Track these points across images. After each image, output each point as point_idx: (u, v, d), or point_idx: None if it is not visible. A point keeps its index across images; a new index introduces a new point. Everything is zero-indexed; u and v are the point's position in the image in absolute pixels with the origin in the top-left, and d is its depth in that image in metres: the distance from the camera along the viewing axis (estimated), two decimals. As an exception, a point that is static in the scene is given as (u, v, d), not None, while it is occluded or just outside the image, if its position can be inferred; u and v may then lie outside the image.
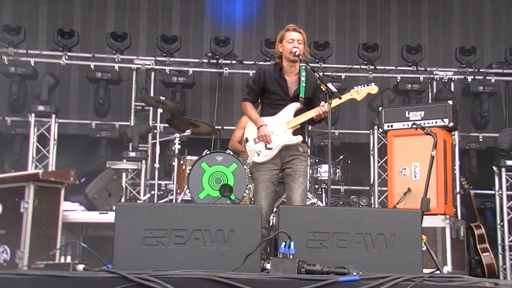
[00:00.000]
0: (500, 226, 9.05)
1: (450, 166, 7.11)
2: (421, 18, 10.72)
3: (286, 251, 4.06)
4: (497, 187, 9.12)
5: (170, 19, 10.51)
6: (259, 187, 5.48)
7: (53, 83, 9.46)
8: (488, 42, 10.61)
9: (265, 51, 9.75)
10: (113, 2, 10.47)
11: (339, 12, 10.70)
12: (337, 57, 10.24)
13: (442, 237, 6.53)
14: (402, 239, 4.43)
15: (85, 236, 7.32)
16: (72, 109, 10.13)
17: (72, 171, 5.95)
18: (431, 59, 10.21)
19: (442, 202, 6.68)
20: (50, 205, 5.78)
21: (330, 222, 4.47)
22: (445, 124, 6.97)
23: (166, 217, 4.41)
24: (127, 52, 9.76)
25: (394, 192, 6.94)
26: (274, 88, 5.49)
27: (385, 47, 10.19)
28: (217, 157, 7.20)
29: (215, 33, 10.19)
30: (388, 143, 7.27)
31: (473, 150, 9.76)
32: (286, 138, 5.45)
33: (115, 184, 7.54)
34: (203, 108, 10.33)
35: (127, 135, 9.07)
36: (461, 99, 9.91)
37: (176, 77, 9.72)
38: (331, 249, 4.39)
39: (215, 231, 4.37)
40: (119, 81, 9.79)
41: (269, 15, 10.62)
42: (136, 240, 4.31)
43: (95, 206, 6.98)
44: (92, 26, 10.34)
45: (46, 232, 5.71)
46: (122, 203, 7.20)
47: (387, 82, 10.06)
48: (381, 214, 4.78)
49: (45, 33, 10.12)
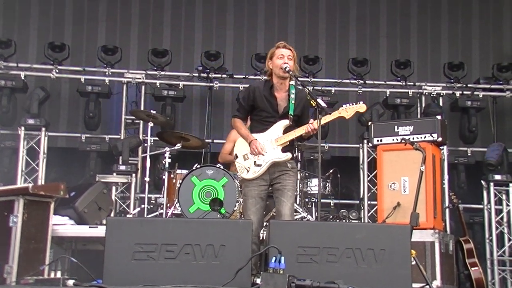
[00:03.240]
0: (488, 240, 9.08)
1: (439, 180, 7.15)
2: (409, 33, 10.80)
3: (276, 266, 4.08)
4: (486, 202, 9.17)
5: (161, 33, 10.53)
6: (249, 202, 5.49)
7: (43, 96, 9.43)
8: (475, 57, 10.71)
9: (255, 65, 9.78)
10: (104, 16, 10.49)
11: (329, 27, 10.76)
12: (327, 71, 10.28)
13: (431, 251, 6.55)
14: (392, 254, 4.46)
15: (74, 250, 7.28)
16: (62, 123, 10.11)
17: (61, 185, 5.91)
18: (420, 74, 10.28)
19: (431, 217, 6.71)
20: (39, 219, 5.74)
21: (320, 237, 4.50)
22: (434, 139, 7.02)
23: (156, 232, 4.42)
24: (117, 65, 9.76)
25: (384, 206, 6.97)
26: (264, 105, 5.53)
27: (374, 62, 10.25)
28: (208, 171, 7.23)
29: (205, 47, 10.22)
30: (377, 158, 7.31)
31: (461, 164, 9.80)
32: (275, 155, 5.48)
33: (105, 198, 7.50)
34: (193, 121, 10.34)
35: (117, 148, 9.05)
36: (449, 114, 9.97)
37: (166, 91, 9.72)
38: (321, 264, 4.41)
39: (205, 245, 4.38)
40: (109, 94, 9.79)
41: (260, 30, 10.66)
42: (127, 254, 4.32)
43: (84, 220, 6.95)
44: (83, 39, 10.34)
45: (35, 246, 5.66)
46: (113, 217, 7.19)
47: (377, 97, 10.11)
48: (371, 229, 4.82)
49: (35, 47, 10.12)
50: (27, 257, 5.51)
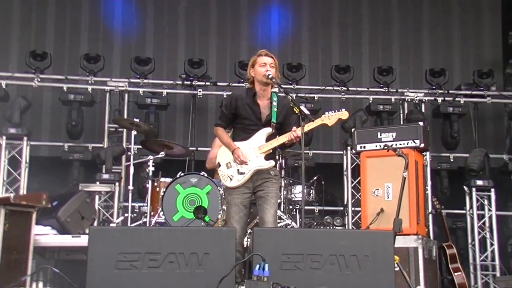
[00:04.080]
0: (471, 245, 9.13)
1: (422, 186, 7.19)
2: (391, 40, 10.87)
3: (260, 273, 4.08)
4: (468, 207, 9.21)
5: (143, 41, 10.52)
6: (232, 210, 5.49)
7: (25, 105, 9.36)
8: (456, 64, 10.80)
9: (239, 72, 9.79)
10: (86, 24, 10.45)
11: (312, 34, 10.80)
12: (310, 78, 10.32)
13: (414, 257, 6.58)
14: (375, 260, 4.48)
15: (57, 260, 7.22)
16: (45, 132, 10.04)
17: (44, 194, 5.89)
18: (402, 80, 10.35)
19: (415, 222, 6.74)
20: (21, 229, 5.70)
21: (304, 244, 4.51)
22: (416, 145, 7.06)
23: (140, 241, 4.41)
24: (100, 74, 9.73)
25: (368, 212, 7.00)
26: (246, 113, 5.54)
27: (357, 68, 10.30)
28: (191, 179, 7.22)
29: (189, 55, 10.22)
30: (361, 164, 7.33)
31: (444, 170, 9.85)
32: (258, 163, 5.48)
33: (88, 207, 7.46)
34: (177, 129, 10.31)
35: (100, 157, 9.01)
36: (431, 120, 10.04)
37: (150, 99, 9.69)
38: (305, 271, 4.42)
39: (189, 254, 4.38)
40: (92, 103, 9.74)
41: (243, 38, 10.68)
42: (110, 264, 4.30)
43: (67, 229, 6.90)
44: (65, 48, 10.29)
45: (17, 257, 5.62)
46: (96, 227, 7.16)
47: (360, 103, 10.16)
48: (354, 235, 4.84)
49: (17, 55, 10.05)
50: (8, 268, 5.46)
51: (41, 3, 10.39)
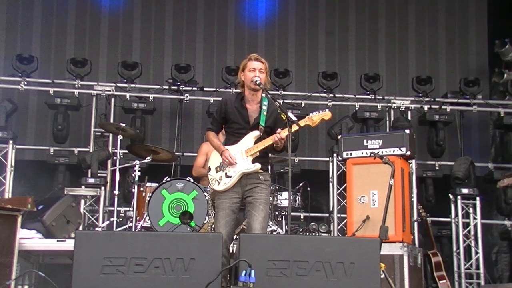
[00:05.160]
0: (456, 253, 9.18)
1: (407, 194, 7.22)
2: (378, 47, 10.91)
3: (246, 279, 4.08)
4: (453, 215, 9.27)
5: (130, 45, 10.49)
6: (219, 215, 5.48)
7: (10, 108, 9.33)
8: (443, 72, 10.85)
9: (225, 78, 9.81)
10: (73, 28, 10.40)
11: (299, 40, 10.82)
12: (296, 85, 10.34)
13: (400, 264, 6.60)
14: (361, 267, 4.49)
15: (42, 263, 7.18)
16: (30, 135, 9.98)
17: (29, 198, 5.85)
18: (388, 88, 10.39)
19: (400, 230, 6.77)
20: (6, 233, 5.66)
21: (290, 251, 4.51)
22: (403, 152, 7.09)
23: (125, 246, 4.39)
24: (87, 78, 9.69)
25: (353, 219, 7.02)
26: (235, 117, 5.55)
27: (343, 75, 10.33)
28: (178, 184, 7.21)
29: (175, 60, 10.22)
30: (347, 171, 7.36)
31: (429, 178, 9.89)
32: (244, 166, 5.47)
33: (74, 211, 7.42)
34: (163, 134, 10.29)
35: (86, 161, 8.98)
36: (417, 128, 10.09)
37: (136, 103, 9.68)
38: (291, 278, 4.42)
39: (175, 259, 4.37)
40: (78, 107, 9.70)
41: (230, 42, 10.68)
42: (95, 268, 4.28)
43: (52, 233, 6.86)
44: (52, 51, 10.24)
45: (1, 260, 5.58)
46: (82, 231, 7.12)
47: (346, 110, 10.19)
48: (341, 242, 4.84)
49: (3, 58, 9.97)
50: (-7, 271, 5.43)
51: (27, 7, 10.32)
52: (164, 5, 10.70)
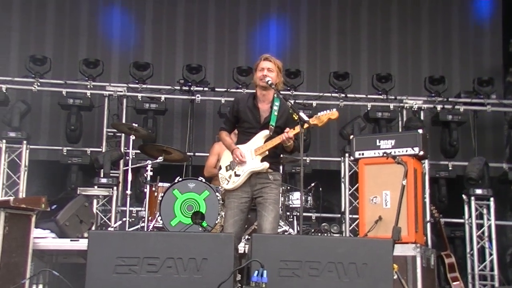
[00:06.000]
0: (470, 254, 9.10)
1: (420, 194, 7.17)
2: (390, 47, 10.88)
3: (258, 280, 4.08)
4: (467, 216, 9.19)
5: (142, 46, 10.54)
6: (228, 214, 5.50)
7: (24, 109, 9.38)
8: (456, 71, 10.81)
9: (237, 78, 9.81)
10: (85, 29, 10.47)
11: (310, 40, 10.82)
12: (308, 85, 10.32)
13: (412, 266, 6.56)
14: (374, 268, 4.47)
15: (55, 263, 7.23)
16: (43, 136, 10.05)
17: (43, 198, 5.88)
18: (400, 88, 10.35)
19: (413, 231, 6.72)
20: (20, 232, 5.70)
21: (302, 251, 4.49)
22: (415, 153, 7.04)
23: (138, 245, 4.40)
24: (99, 78, 9.74)
25: (365, 220, 6.98)
26: (246, 117, 5.56)
27: (355, 75, 10.30)
28: (189, 184, 7.23)
29: (187, 60, 10.24)
30: (359, 171, 7.32)
31: (442, 178, 9.84)
32: (253, 165, 5.47)
33: (86, 211, 7.45)
34: (175, 134, 10.33)
35: (99, 161, 9.02)
36: (430, 128, 10.04)
37: (148, 104, 9.72)
38: (303, 278, 4.41)
39: (187, 259, 4.37)
40: (91, 107, 9.76)
41: (241, 43, 10.70)
42: (108, 268, 4.30)
43: (66, 233, 6.89)
44: (64, 52, 10.31)
45: (16, 260, 5.62)
46: (95, 231, 7.15)
47: (358, 110, 10.16)
48: (353, 243, 4.82)
49: (16, 60, 10.07)
50: (7, 271, 5.46)
51: (40, 9, 10.40)
52: (176, 6, 10.73)
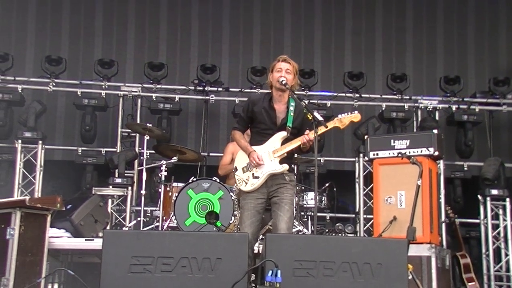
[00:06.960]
0: (485, 255, 9.03)
1: (435, 195, 7.14)
2: (405, 47, 10.83)
3: (273, 279, 4.08)
4: (482, 216, 9.13)
5: (157, 47, 10.57)
6: (244, 215, 5.49)
7: (40, 109, 9.44)
8: (471, 71, 10.74)
9: (251, 78, 9.81)
10: (100, 30, 10.52)
11: (325, 40, 10.79)
12: (322, 85, 10.28)
13: (427, 266, 6.53)
14: (388, 268, 4.46)
15: (70, 262, 7.28)
16: (59, 136, 10.11)
17: (58, 198, 5.92)
18: (415, 87, 10.30)
19: (428, 231, 6.69)
20: (36, 232, 5.75)
21: (317, 251, 4.49)
22: (430, 153, 7.01)
23: (153, 245, 4.42)
24: (114, 79, 9.78)
25: (380, 220, 6.96)
26: (262, 117, 5.55)
27: (370, 75, 10.27)
28: (204, 184, 7.23)
29: (201, 61, 10.25)
30: (373, 171, 7.30)
31: (458, 179, 9.78)
32: (272, 167, 5.47)
33: (101, 211, 7.50)
34: (189, 134, 10.34)
35: (113, 161, 9.05)
36: (445, 128, 9.97)
37: (162, 104, 9.74)
38: (317, 278, 4.41)
39: (202, 259, 4.38)
40: (105, 107, 9.80)
41: (256, 43, 10.70)
42: (123, 267, 4.32)
43: (81, 232, 6.94)
44: (80, 53, 10.37)
45: (32, 259, 5.67)
46: (110, 230, 7.18)
47: (372, 110, 10.13)
48: (368, 243, 4.81)
49: (32, 60, 10.14)
50: (23, 270, 5.51)
51: (56, 10, 10.47)
52: (190, 6, 10.75)
